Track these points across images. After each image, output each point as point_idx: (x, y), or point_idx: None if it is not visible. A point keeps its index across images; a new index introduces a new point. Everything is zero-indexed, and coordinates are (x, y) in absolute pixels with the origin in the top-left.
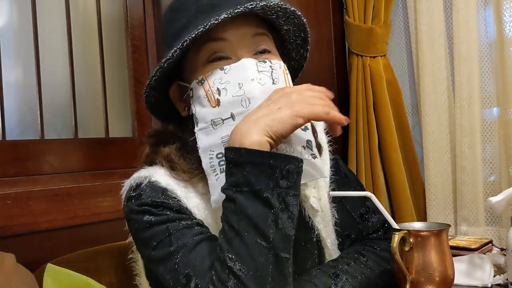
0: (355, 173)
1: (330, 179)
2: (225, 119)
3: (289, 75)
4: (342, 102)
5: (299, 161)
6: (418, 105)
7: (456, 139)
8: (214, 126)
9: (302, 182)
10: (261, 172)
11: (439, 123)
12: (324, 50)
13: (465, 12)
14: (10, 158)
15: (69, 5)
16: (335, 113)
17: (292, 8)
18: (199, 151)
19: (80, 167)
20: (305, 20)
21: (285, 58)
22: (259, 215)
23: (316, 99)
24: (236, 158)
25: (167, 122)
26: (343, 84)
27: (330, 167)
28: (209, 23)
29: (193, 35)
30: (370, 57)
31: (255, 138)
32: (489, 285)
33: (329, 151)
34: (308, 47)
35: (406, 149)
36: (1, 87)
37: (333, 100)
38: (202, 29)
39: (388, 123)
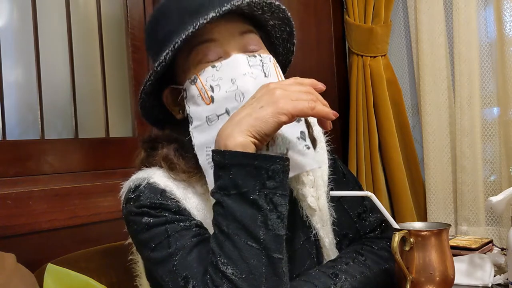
0: (355, 173)
1: (329, 179)
2: (220, 115)
3: (279, 67)
4: (342, 102)
5: (284, 160)
6: (418, 104)
7: (456, 139)
8: (209, 123)
9: (300, 171)
10: (247, 174)
11: (440, 123)
12: (324, 50)
13: (465, 11)
14: (10, 158)
15: (70, 5)
16: (321, 108)
17: (277, 3)
18: (195, 148)
19: (80, 167)
20: (289, 13)
21: (273, 53)
22: (248, 217)
23: (302, 94)
24: (222, 160)
25: (161, 128)
26: (344, 84)
27: (329, 167)
28: (199, 24)
29: (184, 37)
30: (371, 57)
31: (239, 140)
32: (490, 285)
33: (328, 150)
34: (294, 41)
35: (406, 148)
36: (2, 87)
37: (333, 100)
38: (192, 29)
39: (388, 123)
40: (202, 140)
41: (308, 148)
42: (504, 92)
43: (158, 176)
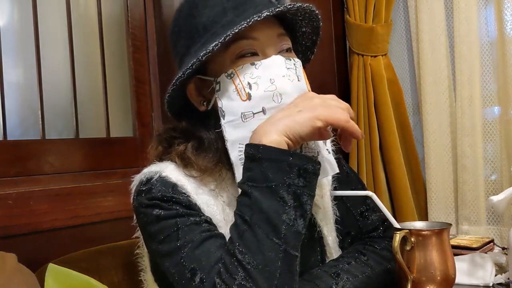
0: (356, 173)
1: (332, 178)
2: (256, 113)
3: (305, 73)
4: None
5: (316, 163)
6: (419, 104)
7: (457, 138)
8: (244, 119)
9: (325, 176)
10: (278, 169)
11: (440, 122)
12: (324, 49)
13: (466, 11)
14: (11, 158)
15: (70, 5)
16: (354, 124)
17: (317, 11)
18: (227, 143)
19: (81, 167)
20: (321, 23)
21: None
22: (274, 211)
23: (339, 108)
24: (255, 154)
25: (179, 119)
26: (344, 84)
27: None
28: (252, 20)
29: (237, 30)
30: (371, 56)
31: (274, 138)
32: (491, 284)
33: (332, 150)
34: (314, 50)
35: (407, 148)
36: (2, 87)
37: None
38: (245, 24)
39: (389, 122)
40: (236, 136)
41: (329, 152)
42: (505, 91)
43: (170, 170)
